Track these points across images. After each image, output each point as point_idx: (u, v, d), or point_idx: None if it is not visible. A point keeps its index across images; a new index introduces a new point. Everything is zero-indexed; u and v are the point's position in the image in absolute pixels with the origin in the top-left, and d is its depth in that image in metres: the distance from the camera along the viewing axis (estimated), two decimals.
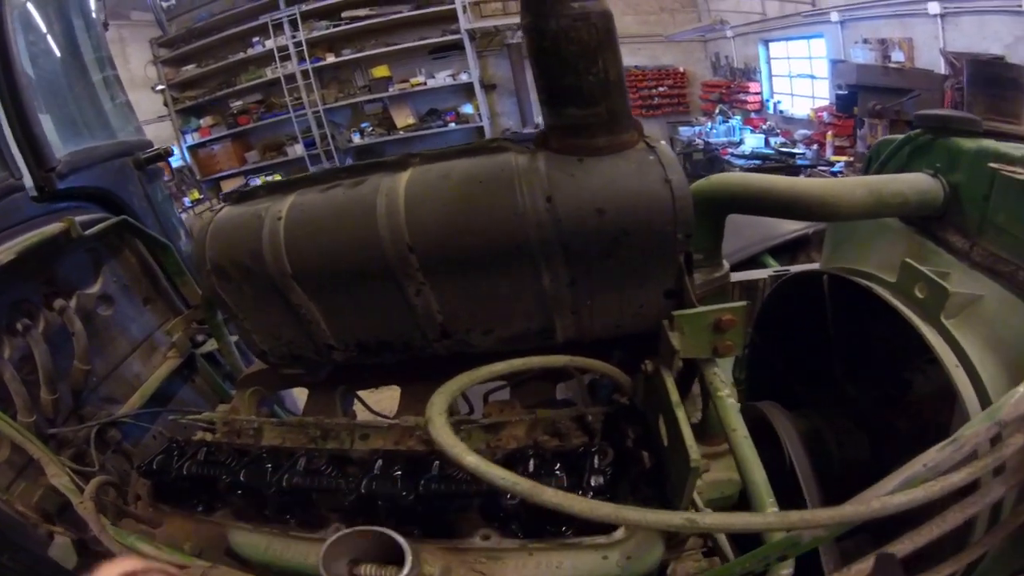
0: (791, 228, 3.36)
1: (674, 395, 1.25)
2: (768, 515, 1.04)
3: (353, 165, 1.57)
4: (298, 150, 14.34)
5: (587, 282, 1.37)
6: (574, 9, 1.18)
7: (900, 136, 1.70)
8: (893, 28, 9.91)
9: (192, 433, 1.85)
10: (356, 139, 14.39)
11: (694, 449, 1.13)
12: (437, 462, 1.35)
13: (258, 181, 12.54)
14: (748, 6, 13.06)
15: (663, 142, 1.38)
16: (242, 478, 1.52)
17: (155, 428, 2.29)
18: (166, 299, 2.62)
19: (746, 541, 1.22)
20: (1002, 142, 1.46)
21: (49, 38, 2.61)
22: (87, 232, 2.14)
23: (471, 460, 1.10)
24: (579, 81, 1.22)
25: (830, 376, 1.90)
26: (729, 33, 14.29)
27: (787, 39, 13.12)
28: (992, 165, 1.41)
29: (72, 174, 2.29)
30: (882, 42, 10.06)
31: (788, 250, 3.35)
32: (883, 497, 0.90)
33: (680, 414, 1.20)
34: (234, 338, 2.38)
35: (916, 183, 1.51)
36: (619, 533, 1.21)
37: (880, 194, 1.47)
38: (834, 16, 10.97)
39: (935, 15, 8.83)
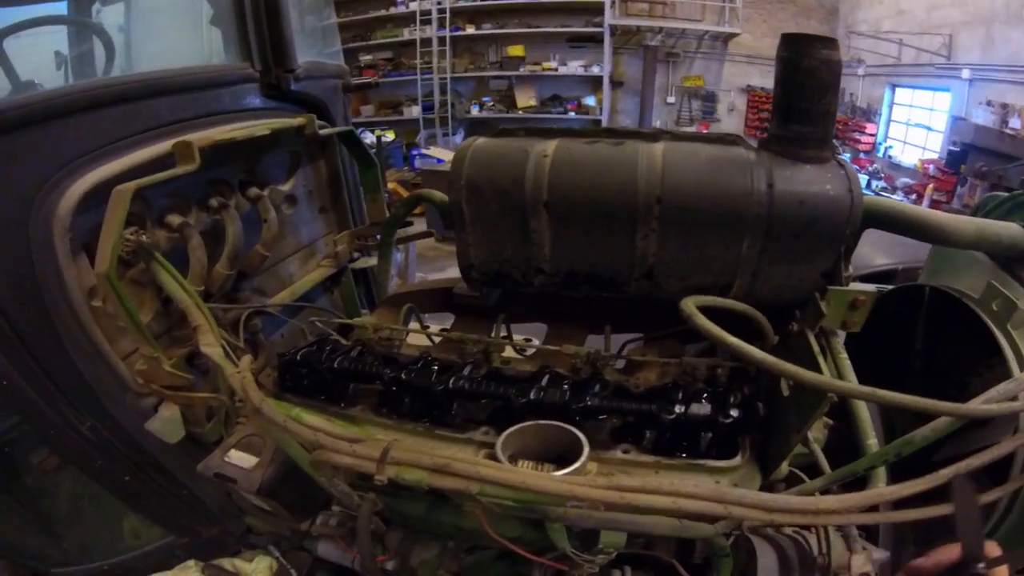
0: (881, 262, 3.80)
1: (815, 347, 1.53)
2: (905, 396, 1.27)
3: (610, 128, 1.90)
4: (415, 112, 14.62)
5: (774, 252, 1.64)
6: (822, 55, 1.50)
7: (1006, 194, 2.11)
8: (1018, 94, 9.95)
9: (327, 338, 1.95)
10: (475, 111, 14.61)
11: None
12: (598, 384, 1.62)
13: (369, 134, 12.86)
14: (885, 48, 13.04)
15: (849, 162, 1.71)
16: (405, 376, 1.66)
17: (287, 327, 2.39)
18: (339, 212, 2.74)
19: None
20: None
21: None
22: (320, 132, 2.29)
23: (732, 340, 1.39)
24: (810, 106, 1.56)
25: (904, 376, 2.27)
26: (861, 72, 14.12)
27: (915, 87, 13.11)
28: None
29: (305, 80, 2.43)
30: (1004, 107, 10.18)
31: (876, 280, 3.57)
32: (975, 407, 1.23)
33: (822, 361, 1.47)
34: None
35: (1010, 229, 1.84)
36: (735, 460, 1.47)
37: (983, 232, 1.80)
38: (965, 73, 10.97)
39: None
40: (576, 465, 1.37)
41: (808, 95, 1.54)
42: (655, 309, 1.80)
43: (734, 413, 1.48)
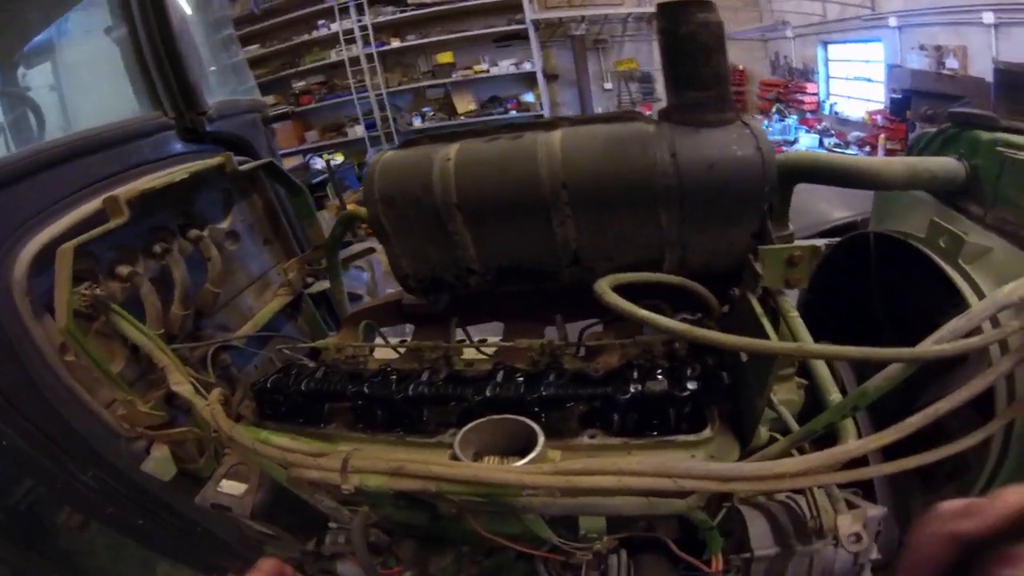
0: (840, 215, 3.80)
1: (758, 309, 1.50)
2: (852, 348, 1.18)
3: (510, 123, 1.90)
4: (358, 131, 14.50)
5: (694, 222, 1.65)
6: (698, 18, 1.52)
7: (935, 129, 2.08)
8: (949, 36, 10.03)
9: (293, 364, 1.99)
10: (417, 122, 14.55)
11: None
12: (553, 374, 1.62)
13: (318, 160, 12.82)
14: (809, 7, 13.05)
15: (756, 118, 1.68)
16: (367, 390, 1.69)
17: (258, 358, 2.44)
18: (283, 242, 2.79)
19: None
20: (1013, 134, 1.79)
21: None
22: (241, 168, 2.34)
23: (643, 313, 1.38)
24: (698, 71, 1.58)
25: (872, 325, 2.27)
26: (789, 33, 14.20)
27: (846, 42, 13.15)
28: (1000, 149, 1.77)
29: (219, 120, 2.48)
30: (937, 49, 10.22)
31: (837, 234, 3.55)
32: (925, 348, 1.14)
33: (765, 322, 1.44)
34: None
35: (943, 164, 1.87)
36: (706, 433, 1.46)
37: (914, 170, 1.83)
38: (892, 21, 11.01)
39: (989, 25, 8.94)
40: (532, 455, 1.37)
41: (693, 60, 1.57)
42: None
43: (691, 386, 1.48)
